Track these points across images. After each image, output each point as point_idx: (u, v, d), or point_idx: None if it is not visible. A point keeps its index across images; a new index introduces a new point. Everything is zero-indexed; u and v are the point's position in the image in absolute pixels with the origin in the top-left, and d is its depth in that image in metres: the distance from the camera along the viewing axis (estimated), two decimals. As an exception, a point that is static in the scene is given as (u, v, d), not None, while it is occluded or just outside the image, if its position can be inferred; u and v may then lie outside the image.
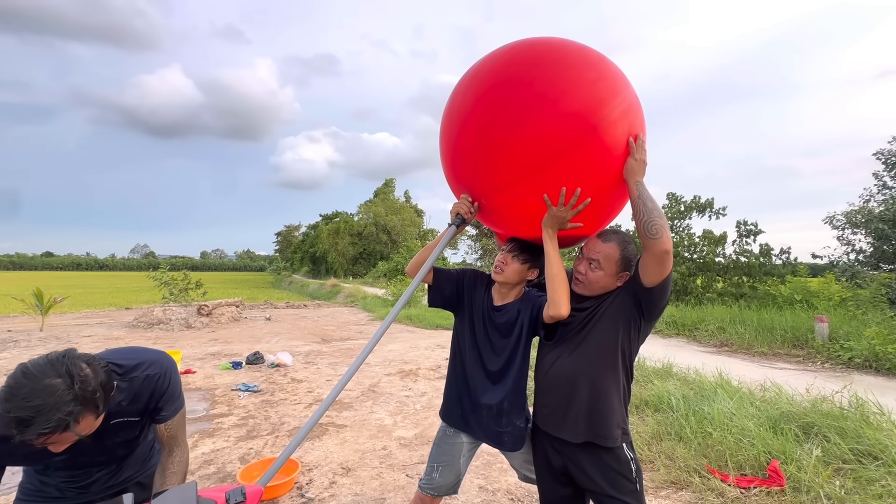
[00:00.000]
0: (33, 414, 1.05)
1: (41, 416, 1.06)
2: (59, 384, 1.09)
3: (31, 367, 1.12)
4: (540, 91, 1.42)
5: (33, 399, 1.06)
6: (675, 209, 13.66)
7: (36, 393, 1.07)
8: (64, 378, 1.11)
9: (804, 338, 7.35)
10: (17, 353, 7.28)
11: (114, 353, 1.42)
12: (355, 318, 13.11)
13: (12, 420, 1.06)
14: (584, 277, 1.60)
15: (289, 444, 1.54)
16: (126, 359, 1.40)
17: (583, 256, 1.61)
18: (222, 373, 6.09)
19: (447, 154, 1.71)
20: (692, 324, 9.08)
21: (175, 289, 12.85)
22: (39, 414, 1.06)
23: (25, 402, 1.06)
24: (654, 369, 5.34)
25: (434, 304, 1.90)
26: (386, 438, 3.80)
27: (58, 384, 1.09)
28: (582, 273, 1.60)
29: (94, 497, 1.45)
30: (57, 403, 1.07)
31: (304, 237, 57.33)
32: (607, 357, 1.55)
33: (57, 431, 1.09)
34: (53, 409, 1.07)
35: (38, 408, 1.06)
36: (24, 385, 1.08)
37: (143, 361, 1.42)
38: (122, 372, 1.36)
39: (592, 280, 1.58)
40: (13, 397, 1.07)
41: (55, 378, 1.10)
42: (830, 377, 5.66)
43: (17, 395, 1.07)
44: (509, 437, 1.74)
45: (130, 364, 1.39)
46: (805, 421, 3.39)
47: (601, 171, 1.47)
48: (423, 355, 7.37)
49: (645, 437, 3.53)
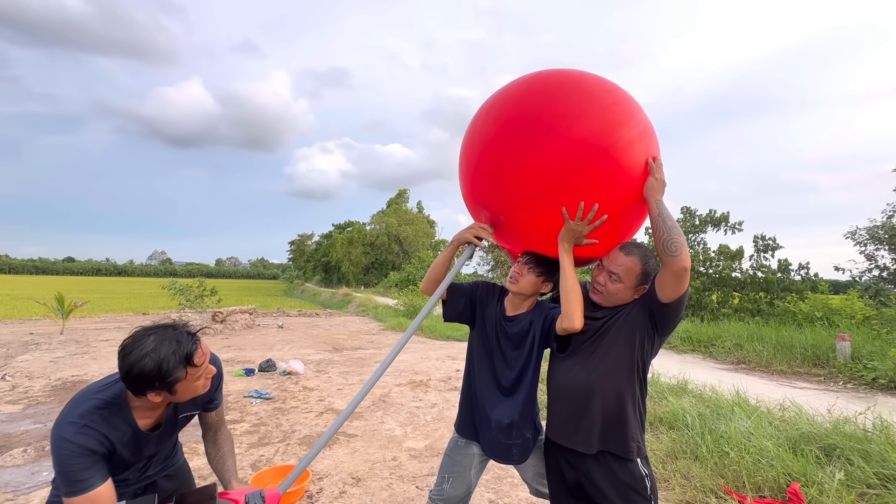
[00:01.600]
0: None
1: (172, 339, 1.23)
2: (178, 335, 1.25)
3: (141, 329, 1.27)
4: (562, 111, 1.49)
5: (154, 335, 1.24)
6: (690, 223, 13.50)
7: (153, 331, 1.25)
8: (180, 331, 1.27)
9: (825, 357, 7.14)
10: (39, 355, 7.47)
11: None
12: (366, 327, 13.14)
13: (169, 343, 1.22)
14: (603, 288, 1.61)
15: (308, 452, 1.56)
16: None
17: (603, 267, 1.62)
18: (235, 379, 6.15)
19: (469, 175, 1.75)
20: (708, 340, 8.89)
21: (191, 295, 13.07)
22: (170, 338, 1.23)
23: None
24: (669, 385, 5.24)
25: (449, 319, 1.92)
26: (396, 449, 3.79)
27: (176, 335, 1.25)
28: (601, 284, 1.61)
29: (127, 488, 1.43)
30: (177, 336, 1.24)
31: (317, 246, 57.92)
32: (621, 368, 1.55)
33: (199, 344, 1.27)
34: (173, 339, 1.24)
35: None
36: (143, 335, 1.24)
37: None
38: None
39: (611, 291, 1.59)
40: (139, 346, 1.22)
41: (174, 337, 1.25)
42: (853, 398, 5.49)
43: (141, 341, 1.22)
44: (518, 450, 1.74)
45: None
46: (827, 443, 3.29)
47: (618, 189, 1.51)
48: (433, 366, 7.35)
49: (660, 454, 3.46)
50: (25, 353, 7.58)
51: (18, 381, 5.76)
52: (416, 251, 38.73)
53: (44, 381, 5.79)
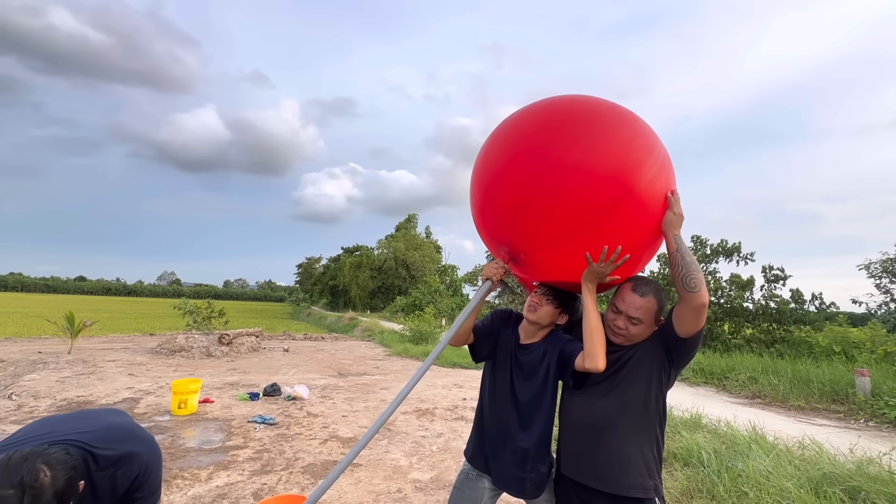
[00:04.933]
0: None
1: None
2: (9, 496, 1.08)
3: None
4: (582, 151, 1.43)
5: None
6: (701, 252, 13.40)
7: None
8: (16, 489, 1.09)
9: (843, 392, 6.91)
10: (46, 374, 7.48)
11: (102, 435, 1.39)
12: (372, 352, 13.02)
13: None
14: (626, 332, 1.58)
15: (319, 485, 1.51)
16: (111, 447, 1.36)
17: (621, 312, 1.57)
18: (239, 403, 6.08)
19: (486, 210, 1.68)
20: (721, 372, 8.67)
21: (199, 317, 13.11)
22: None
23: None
24: (683, 420, 5.09)
25: (479, 360, 1.90)
26: (401, 480, 3.69)
27: (8, 496, 1.08)
28: (622, 328, 1.58)
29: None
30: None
31: (324, 269, 58.12)
32: (638, 403, 1.52)
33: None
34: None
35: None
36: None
37: (126, 455, 1.37)
38: (102, 465, 1.33)
39: (634, 334, 1.57)
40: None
41: (7, 489, 1.09)
42: (876, 437, 5.28)
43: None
44: (531, 484, 1.69)
45: (112, 456, 1.35)
46: (850, 484, 3.15)
47: (640, 227, 1.49)
48: (440, 394, 7.23)
49: (674, 493, 3.33)
50: (33, 372, 7.60)
51: (24, 401, 5.75)
52: (423, 276, 38.71)
53: (49, 401, 5.77)
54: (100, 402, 5.87)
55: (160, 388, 6.75)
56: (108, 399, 6.02)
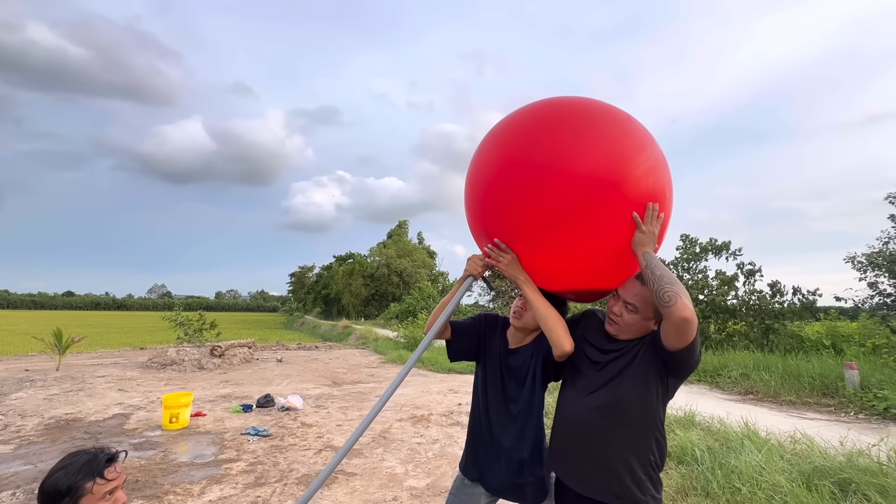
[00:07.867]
0: None
1: None
2: None
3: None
4: (570, 142, 1.47)
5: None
6: (690, 251, 13.53)
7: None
8: None
9: (833, 386, 7.01)
10: (33, 392, 7.33)
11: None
12: (366, 360, 12.95)
13: None
14: (620, 319, 1.55)
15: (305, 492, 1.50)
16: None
17: (619, 297, 1.56)
18: (232, 416, 6.01)
19: (478, 206, 1.69)
20: (714, 369, 8.74)
21: (190, 329, 12.96)
22: None
23: None
24: (676, 418, 5.12)
25: (455, 359, 1.90)
26: (397, 488, 3.66)
27: None
28: (617, 314, 1.56)
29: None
30: None
31: (317, 278, 57.78)
32: (629, 405, 1.49)
33: None
34: None
35: None
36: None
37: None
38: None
39: (628, 322, 1.54)
40: None
41: None
42: (865, 429, 5.35)
43: None
44: (531, 489, 1.69)
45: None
46: (841, 477, 3.19)
47: (627, 225, 1.47)
48: (435, 400, 7.20)
49: (669, 491, 3.35)
50: (20, 391, 7.45)
51: (11, 420, 5.64)
52: (416, 282, 38.64)
53: (37, 420, 5.66)
54: (89, 419, 5.77)
55: (151, 403, 6.65)
56: (98, 416, 5.92)
